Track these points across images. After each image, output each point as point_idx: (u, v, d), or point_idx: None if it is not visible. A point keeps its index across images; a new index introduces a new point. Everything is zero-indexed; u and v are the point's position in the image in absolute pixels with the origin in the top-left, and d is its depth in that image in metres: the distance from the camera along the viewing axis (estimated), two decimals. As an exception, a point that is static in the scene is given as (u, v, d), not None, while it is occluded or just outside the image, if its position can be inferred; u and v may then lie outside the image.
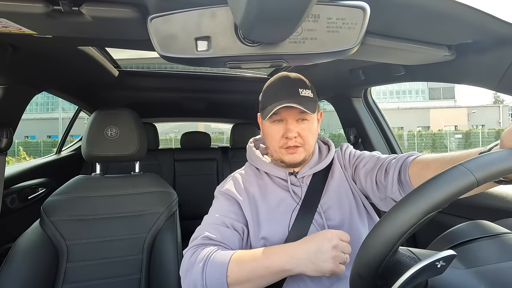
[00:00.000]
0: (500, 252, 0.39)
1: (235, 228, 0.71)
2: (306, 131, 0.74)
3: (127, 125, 1.06)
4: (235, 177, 0.82)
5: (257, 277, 0.60)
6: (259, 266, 0.60)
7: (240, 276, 0.60)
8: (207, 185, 2.07)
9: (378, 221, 0.37)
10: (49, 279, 0.89)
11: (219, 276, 0.60)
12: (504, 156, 0.37)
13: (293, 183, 0.78)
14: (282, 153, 0.75)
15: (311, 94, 0.74)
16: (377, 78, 1.15)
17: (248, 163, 0.87)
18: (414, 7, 0.53)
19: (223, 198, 0.77)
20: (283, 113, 0.73)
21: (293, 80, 0.75)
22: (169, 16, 0.46)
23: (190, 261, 0.65)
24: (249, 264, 0.61)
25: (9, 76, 0.83)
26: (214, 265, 0.61)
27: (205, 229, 0.70)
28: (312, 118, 0.75)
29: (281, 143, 0.75)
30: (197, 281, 0.61)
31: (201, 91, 1.73)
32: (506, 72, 0.67)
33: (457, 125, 20.99)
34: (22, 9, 0.49)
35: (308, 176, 0.79)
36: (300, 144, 0.74)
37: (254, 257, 0.61)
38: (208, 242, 0.68)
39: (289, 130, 0.72)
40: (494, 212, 0.89)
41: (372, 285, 0.37)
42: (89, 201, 1.01)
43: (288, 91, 0.72)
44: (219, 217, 0.72)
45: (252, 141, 0.90)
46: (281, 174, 0.78)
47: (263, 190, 0.77)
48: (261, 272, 0.60)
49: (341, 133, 1.59)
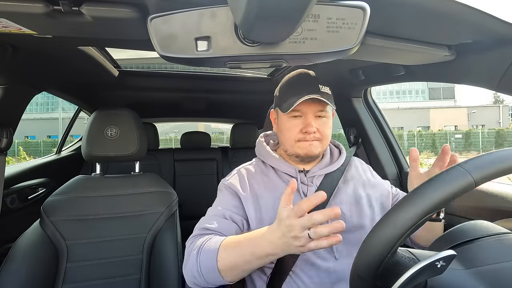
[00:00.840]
0: (500, 252, 0.39)
1: (234, 220, 0.72)
2: (325, 127, 0.75)
3: (127, 125, 1.06)
4: (240, 172, 0.82)
5: (244, 262, 0.60)
6: (244, 252, 0.60)
7: (229, 262, 0.61)
8: (207, 185, 2.07)
9: (378, 222, 0.37)
10: (49, 279, 0.89)
11: (211, 262, 0.61)
12: (502, 157, 0.37)
13: (302, 182, 0.78)
14: (299, 146, 0.75)
15: (329, 91, 0.76)
16: (377, 78, 1.15)
17: (257, 158, 0.87)
18: (414, 7, 0.53)
19: (226, 192, 0.78)
20: (303, 108, 0.74)
21: (313, 77, 0.77)
22: (169, 16, 0.46)
23: (187, 250, 0.68)
24: (235, 250, 0.61)
25: (9, 76, 0.83)
26: (206, 252, 0.63)
27: (205, 221, 0.73)
28: (329, 116, 0.77)
29: (299, 137, 0.75)
30: (193, 268, 0.64)
31: (201, 91, 1.73)
32: (506, 72, 0.67)
33: (457, 125, 21.00)
34: (22, 9, 0.49)
35: (318, 176, 0.79)
36: (318, 139, 0.75)
37: (240, 243, 0.61)
38: (205, 232, 0.70)
39: (309, 124, 0.73)
40: (494, 212, 0.89)
41: (372, 286, 0.37)
42: (89, 201, 1.01)
43: (310, 85, 0.73)
44: (220, 210, 0.74)
45: (262, 135, 0.90)
46: (291, 171, 0.78)
47: (269, 186, 0.77)
48: (247, 257, 0.59)
49: (341, 133, 1.59)
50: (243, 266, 0.61)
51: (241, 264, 0.60)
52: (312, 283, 0.68)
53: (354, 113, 1.43)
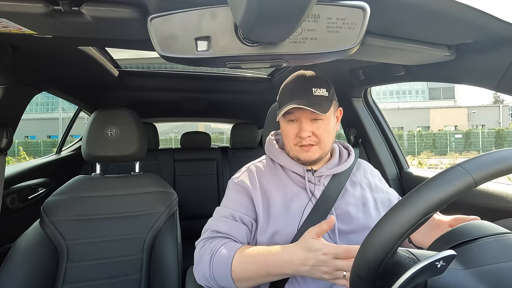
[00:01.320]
0: (500, 252, 0.39)
1: (243, 222, 0.73)
2: (321, 130, 0.75)
3: (127, 125, 1.06)
4: (250, 169, 0.82)
5: (259, 277, 0.63)
6: (260, 269, 0.62)
7: (244, 274, 0.63)
8: (207, 185, 2.07)
9: (377, 222, 0.37)
10: (49, 279, 0.89)
11: (225, 270, 0.64)
12: (502, 157, 0.37)
13: (310, 181, 0.78)
14: (298, 151, 0.77)
15: (326, 92, 0.74)
16: (377, 78, 1.15)
17: (266, 156, 0.87)
18: (414, 7, 0.53)
19: (235, 190, 0.78)
20: (297, 113, 0.74)
21: (307, 79, 0.76)
22: (169, 16, 0.46)
23: (200, 253, 0.70)
24: (251, 266, 0.63)
25: (9, 76, 0.83)
26: (220, 260, 0.65)
27: (215, 222, 0.74)
28: (327, 117, 0.75)
29: (296, 141, 0.76)
30: (206, 271, 0.66)
31: (201, 91, 1.73)
32: (506, 72, 0.67)
33: (457, 125, 21.00)
34: (22, 9, 0.49)
35: (326, 176, 0.79)
36: (315, 143, 0.75)
37: (255, 261, 0.63)
38: (216, 235, 0.71)
39: (303, 130, 0.73)
40: (494, 212, 0.89)
41: (372, 286, 0.37)
42: (89, 201, 1.01)
43: (301, 91, 0.73)
44: (229, 210, 0.75)
45: (273, 133, 0.90)
46: (299, 170, 0.78)
47: (278, 184, 0.78)
48: (263, 273, 0.63)
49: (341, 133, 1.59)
50: (258, 280, 0.64)
51: (255, 278, 0.63)
52: (316, 284, 0.67)
53: (354, 113, 1.43)
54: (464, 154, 14.30)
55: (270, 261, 0.62)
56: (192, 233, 0.72)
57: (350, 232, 0.73)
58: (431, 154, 14.02)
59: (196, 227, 0.73)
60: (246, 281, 0.64)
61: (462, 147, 16.74)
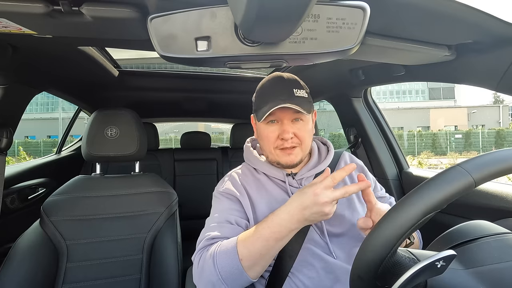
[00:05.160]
0: (500, 252, 0.39)
1: (239, 224, 0.71)
2: (302, 131, 0.73)
3: (127, 125, 1.06)
4: (232, 176, 0.81)
5: (269, 250, 0.61)
6: (267, 241, 0.61)
7: (253, 256, 0.61)
8: (207, 185, 2.06)
9: (377, 222, 0.37)
10: (49, 279, 0.89)
11: (233, 262, 0.60)
12: (502, 157, 0.37)
13: (291, 185, 0.77)
14: (278, 154, 0.75)
15: (306, 94, 0.74)
16: (377, 78, 1.15)
17: (245, 163, 0.86)
18: (414, 7, 0.53)
19: (224, 198, 0.76)
20: (278, 114, 0.72)
21: (287, 81, 0.74)
22: (169, 16, 0.46)
23: (200, 264, 0.65)
24: (257, 243, 0.61)
25: (9, 76, 0.83)
26: (224, 255, 0.62)
27: (208, 231, 0.70)
28: (307, 118, 0.75)
29: (277, 144, 0.74)
30: (213, 277, 0.61)
31: (201, 91, 1.73)
32: (506, 72, 0.67)
33: (457, 125, 20.99)
34: (22, 9, 0.49)
35: (307, 178, 0.78)
36: (297, 144, 0.74)
37: (259, 235, 0.61)
38: (212, 242, 0.68)
39: (285, 131, 0.71)
40: (494, 212, 0.89)
41: (372, 286, 0.37)
42: (89, 201, 1.01)
43: (283, 91, 0.71)
44: (221, 216, 0.72)
45: (249, 140, 0.89)
46: (279, 175, 0.77)
47: (261, 189, 0.77)
48: (272, 244, 0.61)
49: (341, 133, 1.58)
50: (268, 254, 0.62)
51: (265, 254, 0.61)
52: (312, 283, 0.67)
53: (354, 113, 1.43)
54: (464, 154, 14.30)
55: (273, 228, 0.61)
56: (192, 233, 0.72)
57: (339, 233, 0.72)
58: (431, 154, 14.02)
59: (196, 227, 0.73)
60: (257, 262, 0.61)
61: (462, 147, 16.74)
